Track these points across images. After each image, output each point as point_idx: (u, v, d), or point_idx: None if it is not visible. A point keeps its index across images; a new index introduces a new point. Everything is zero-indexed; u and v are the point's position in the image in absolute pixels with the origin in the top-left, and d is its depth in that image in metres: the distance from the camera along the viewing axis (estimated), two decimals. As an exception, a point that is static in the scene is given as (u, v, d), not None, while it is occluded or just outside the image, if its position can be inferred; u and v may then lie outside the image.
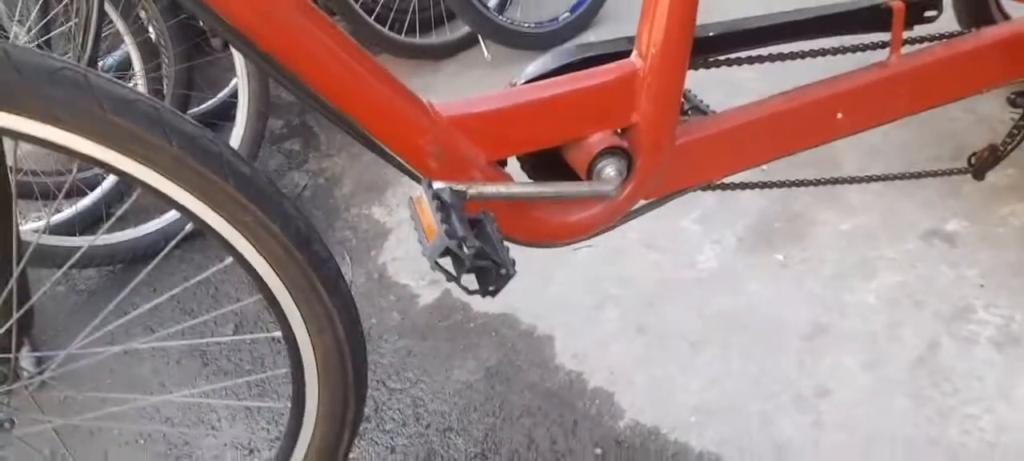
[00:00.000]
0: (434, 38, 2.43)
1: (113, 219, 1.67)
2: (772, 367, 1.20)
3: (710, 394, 1.18)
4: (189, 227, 1.57)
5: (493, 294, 0.69)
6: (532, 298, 1.40)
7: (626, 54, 0.88)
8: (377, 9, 2.26)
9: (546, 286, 1.43)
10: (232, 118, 1.83)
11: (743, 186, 1.13)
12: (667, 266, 1.43)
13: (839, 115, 0.99)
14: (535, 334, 1.34)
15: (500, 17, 2.24)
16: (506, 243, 0.92)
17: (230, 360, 1.39)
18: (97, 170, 1.72)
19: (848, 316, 1.26)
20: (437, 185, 0.75)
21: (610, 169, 0.87)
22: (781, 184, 1.16)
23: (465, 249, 0.65)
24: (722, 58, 0.97)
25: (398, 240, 1.64)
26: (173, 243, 1.64)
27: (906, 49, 1.01)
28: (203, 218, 0.74)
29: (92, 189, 1.82)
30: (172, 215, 1.70)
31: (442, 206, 0.70)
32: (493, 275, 0.67)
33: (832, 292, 1.31)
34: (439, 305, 1.43)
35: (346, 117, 0.74)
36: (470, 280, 0.69)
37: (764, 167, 1.66)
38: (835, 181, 1.21)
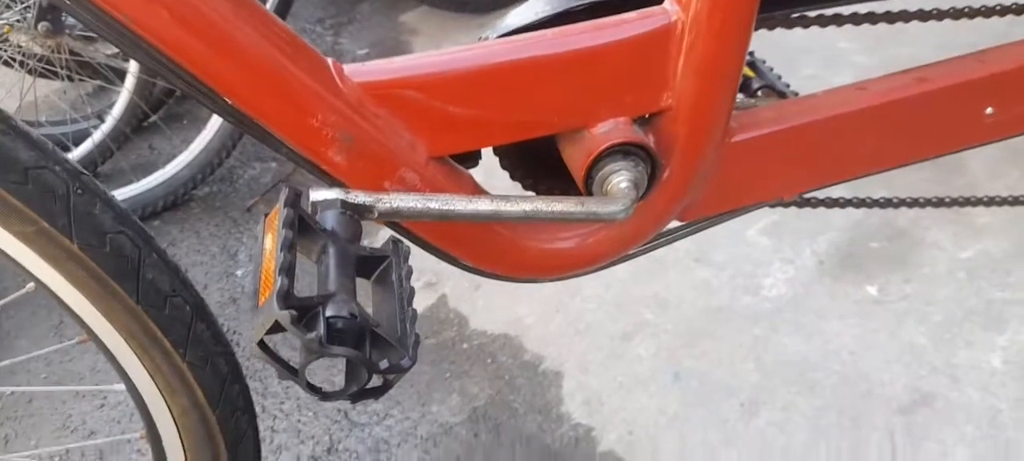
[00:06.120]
0: (478, -12, 2.12)
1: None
2: (849, 450, 0.88)
3: (762, 478, 0.87)
4: None
5: (375, 396, 0.40)
6: (545, 316, 1.11)
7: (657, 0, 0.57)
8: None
9: (566, 302, 1.13)
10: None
11: (813, 203, 0.81)
12: (721, 289, 1.11)
13: (989, 110, 0.65)
14: (541, 367, 1.05)
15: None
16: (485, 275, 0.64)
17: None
18: None
19: (962, 383, 0.93)
20: (318, 195, 0.46)
21: (620, 179, 0.56)
22: (870, 203, 0.82)
23: (319, 328, 0.36)
24: (815, 14, 0.65)
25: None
26: None
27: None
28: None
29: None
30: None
31: (304, 235, 0.41)
32: (364, 373, 0.38)
33: (943, 347, 0.97)
34: (431, 315, 1.16)
35: (180, 70, 0.46)
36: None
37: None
38: (953, 202, 0.87)
